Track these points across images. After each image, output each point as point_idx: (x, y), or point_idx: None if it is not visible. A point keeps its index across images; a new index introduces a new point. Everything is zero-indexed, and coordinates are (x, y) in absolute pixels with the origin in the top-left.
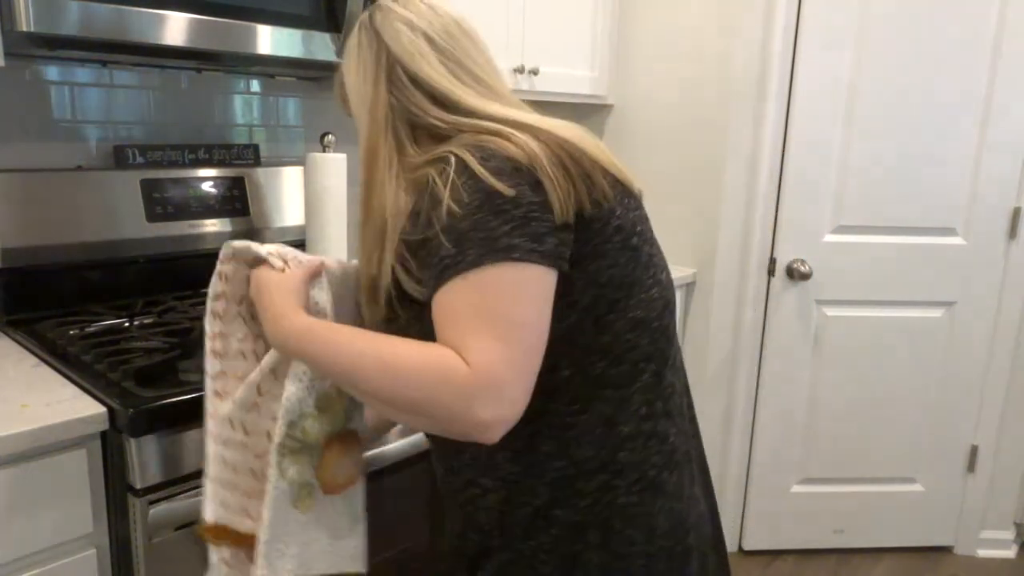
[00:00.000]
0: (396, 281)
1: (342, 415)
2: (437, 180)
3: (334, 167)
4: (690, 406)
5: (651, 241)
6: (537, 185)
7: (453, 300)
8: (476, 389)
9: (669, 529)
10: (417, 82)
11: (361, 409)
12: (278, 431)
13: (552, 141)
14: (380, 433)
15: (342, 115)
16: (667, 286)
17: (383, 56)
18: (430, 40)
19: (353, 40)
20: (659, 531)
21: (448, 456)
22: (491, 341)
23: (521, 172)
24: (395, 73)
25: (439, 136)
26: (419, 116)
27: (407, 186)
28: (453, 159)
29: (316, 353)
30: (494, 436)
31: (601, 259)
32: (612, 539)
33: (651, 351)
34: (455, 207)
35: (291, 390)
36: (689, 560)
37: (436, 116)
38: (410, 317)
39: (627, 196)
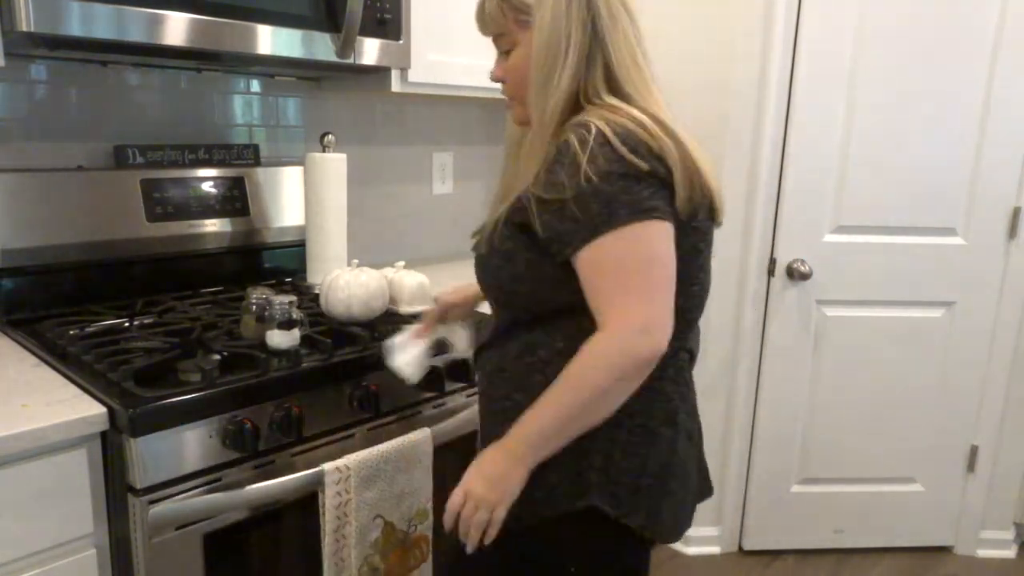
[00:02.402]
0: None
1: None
2: (578, 147)
3: (334, 167)
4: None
5: (709, 252)
6: (667, 170)
7: (607, 254)
8: (628, 336)
9: (658, 470)
10: (602, 48)
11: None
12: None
13: (683, 148)
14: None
15: (342, 115)
16: (707, 288)
17: (586, 9)
18: (627, 8)
19: None
20: (649, 469)
21: (493, 374)
22: (635, 294)
23: (654, 155)
24: (589, 29)
25: (580, 108)
26: (586, 84)
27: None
28: (594, 128)
29: (546, 444)
30: (654, 360)
31: (676, 246)
32: (611, 467)
33: (677, 331)
34: (594, 174)
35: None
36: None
37: (595, 92)
38: (520, 246)
39: (711, 211)
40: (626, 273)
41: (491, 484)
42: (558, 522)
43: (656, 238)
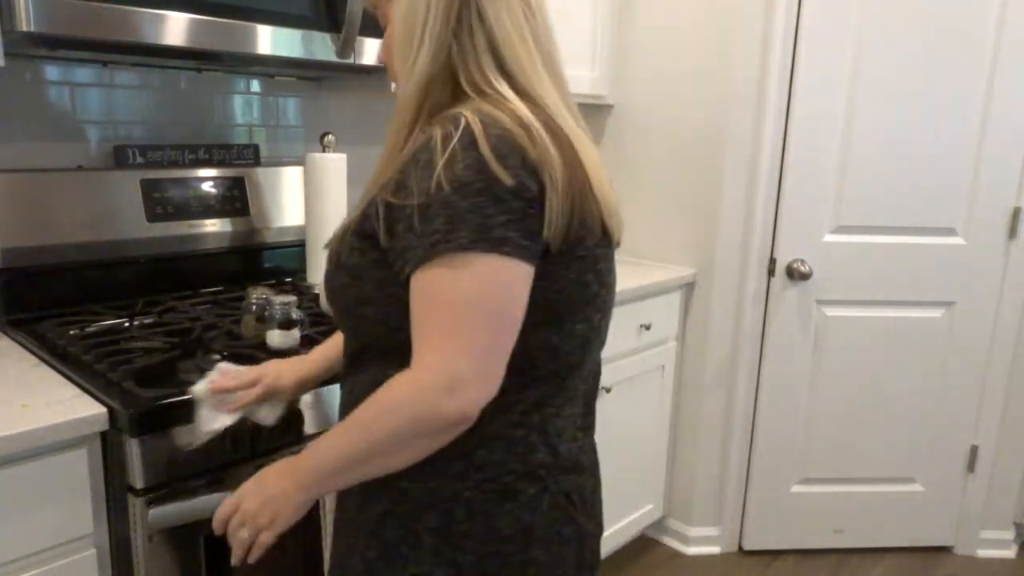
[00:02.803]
0: (364, 221)
1: None
2: (439, 144)
3: (334, 167)
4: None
5: (604, 282)
6: (540, 187)
7: (435, 279)
8: (429, 393)
9: (511, 535)
10: (480, 20)
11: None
12: None
13: (571, 158)
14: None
15: (342, 115)
16: (598, 325)
17: None
18: None
19: None
20: (501, 533)
21: (345, 407)
22: (452, 339)
23: (527, 167)
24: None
25: (464, 96)
26: (466, 65)
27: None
28: (463, 123)
29: (332, 480)
30: (463, 423)
31: (550, 280)
32: (452, 529)
33: (548, 374)
34: (448, 183)
35: None
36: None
37: (483, 77)
38: (369, 261)
39: (604, 234)
40: (447, 310)
41: (264, 503)
42: None
43: (496, 276)
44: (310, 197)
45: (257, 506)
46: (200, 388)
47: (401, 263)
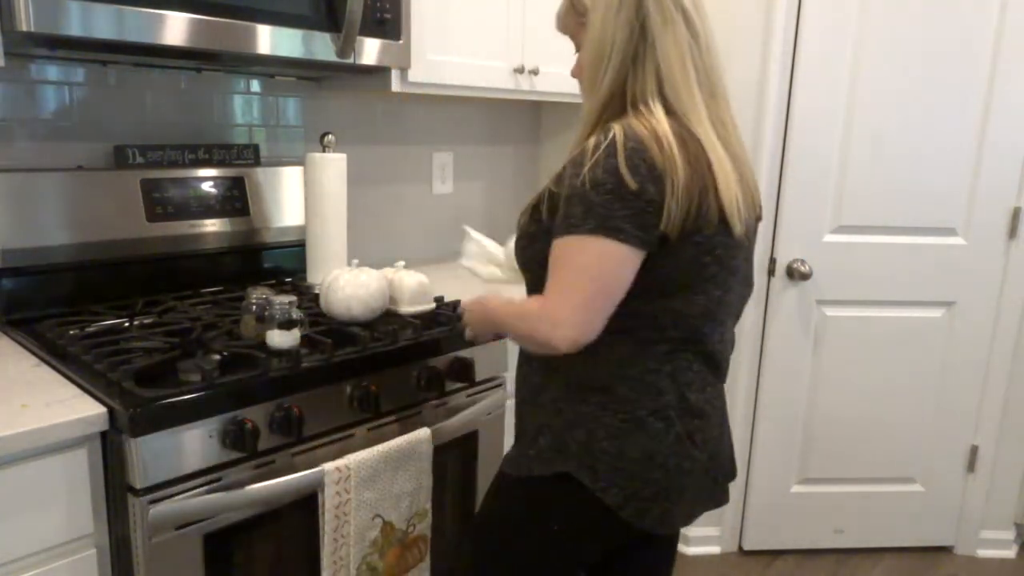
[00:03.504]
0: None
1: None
2: (590, 150)
3: (334, 167)
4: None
5: (723, 264)
6: (660, 191)
7: (564, 249)
8: (539, 321)
9: (640, 457)
10: (650, 51)
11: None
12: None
13: (697, 168)
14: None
15: (342, 115)
16: (717, 298)
17: (637, 11)
18: (686, 15)
19: None
20: (629, 455)
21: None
22: (562, 293)
23: (653, 174)
24: (637, 32)
25: (627, 111)
26: (634, 87)
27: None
28: (611, 136)
29: (493, 320)
30: (557, 350)
31: (669, 260)
32: (593, 445)
33: (679, 335)
34: (588, 181)
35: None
36: (655, 499)
37: (643, 97)
38: (540, 231)
39: (724, 224)
40: (566, 272)
41: (474, 316)
42: (548, 481)
43: (605, 255)
44: (310, 197)
45: (472, 320)
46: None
47: (554, 234)
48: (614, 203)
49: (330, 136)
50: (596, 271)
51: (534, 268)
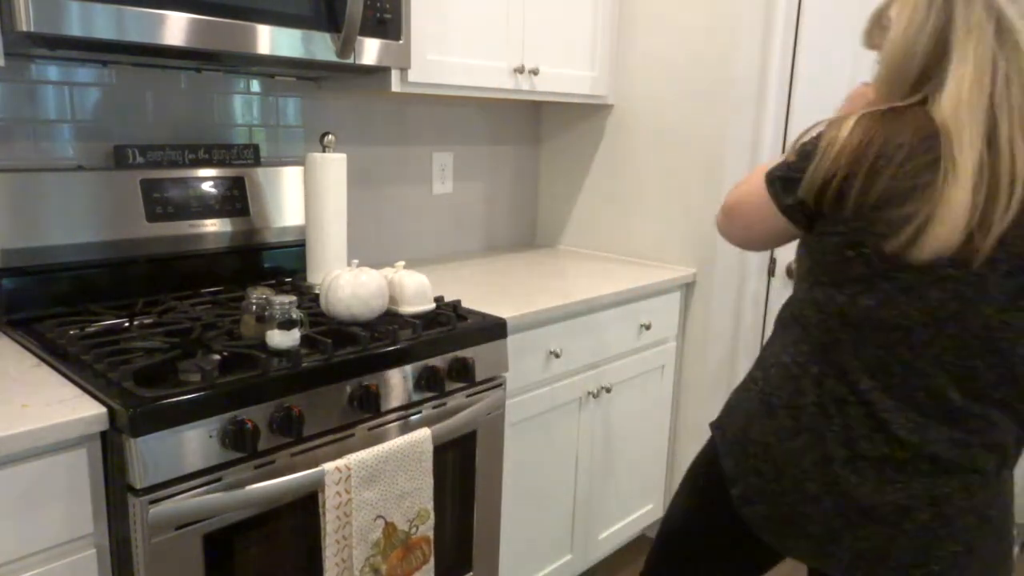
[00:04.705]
0: None
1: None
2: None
3: (334, 167)
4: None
5: (879, 263)
6: (807, 166)
7: (756, 173)
8: (721, 210)
9: (760, 438)
10: (944, 57)
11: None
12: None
13: (873, 146)
14: None
15: (342, 115)
16: (862, 312)
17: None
18: (999, 19)
19: None
20: (752, 436)
21: None
22: (735, 190)
23: (811, 148)
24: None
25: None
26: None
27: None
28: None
29: None
30: (724, 235)
31: (820, 239)
32: (733, 412)
33: (841, 337)
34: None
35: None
36: (736, 481)
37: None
38: None
39: (877, 214)
40: (746, 185)
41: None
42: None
43: (757, 196)
44: (310, 197)
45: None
46: None
47: None
48: (786, 164)
49: (330, 136)
50: (752, 195)
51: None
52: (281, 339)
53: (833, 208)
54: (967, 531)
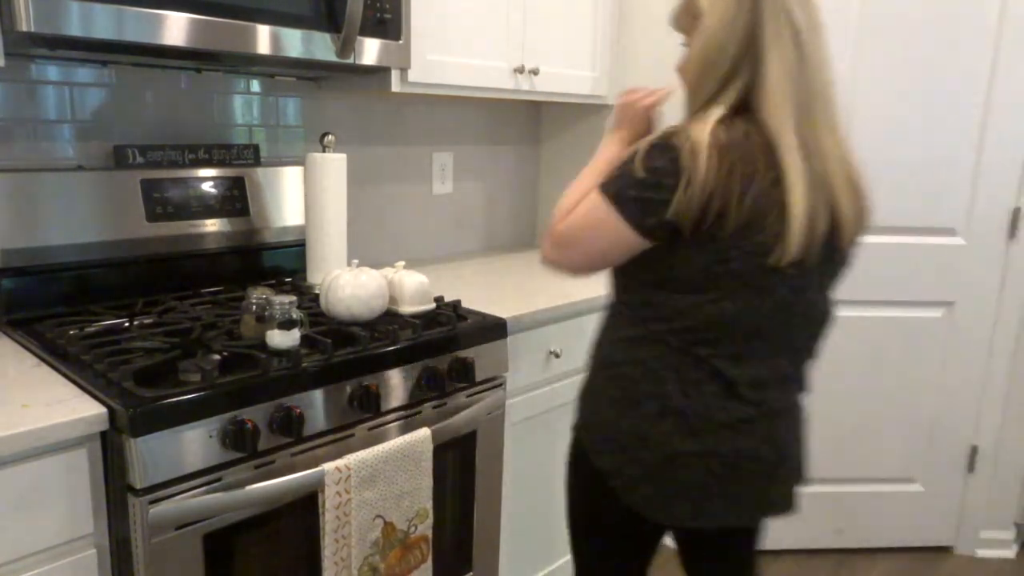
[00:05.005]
0: None
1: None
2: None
3: (334, 167)
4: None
5: (743, 275)
6: (674, 186)
7: (589, 198)
8: (546, 236)
9: (629, 432)
10: (759, 68)
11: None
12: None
13: (736, 175)
14: None
15: (342, 115)
16: (730, 314)
17: (749, 23)
18: (795, 27)
19: None
20: (623, 428)
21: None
22: (568, 220)
23: (669, 169)
24: (745, 43)
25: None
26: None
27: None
28: (649, 140)
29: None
30: (546, 263)
31: (687, 255)
32: (598, 415)
33: (690, 339)
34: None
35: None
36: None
37: (717, 100)
38: None
39: (745, 232)
40: (582, 216)
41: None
42: (574, 444)
43: (607, 219)
44: (310, 197)
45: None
46: None
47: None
48: (635, 181)
49: (330, 136)
50: (592, 235)
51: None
52: (281, 339)
53: (706, 231)
54: (798, 456)
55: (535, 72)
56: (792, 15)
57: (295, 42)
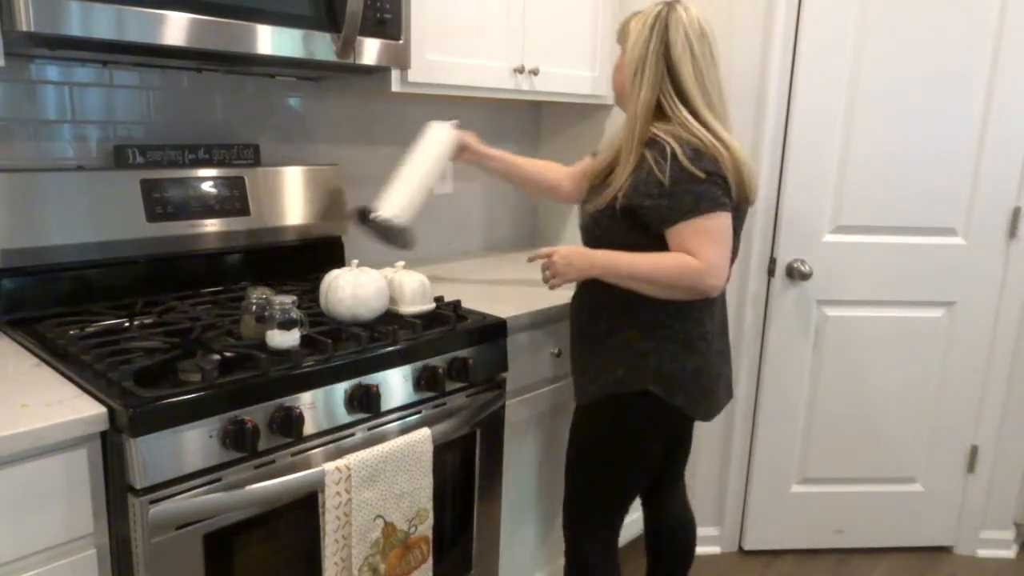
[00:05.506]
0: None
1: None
2: (654, 164)
3: (443, 132)
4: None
5: (742, 227)
6: (723, 176)
7: (692, 228)
8: (706, 274)
9: (693, 370)
10: (672, 73)
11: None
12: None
13: (733, 154)
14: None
15: (342, 115)
16: (737, 250)
17: (661, 45)
18: (692, 51)
19: (646, 17)
20: (688, 370)
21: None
22: (712, 250)
23: (715, 164)
24: (662, 59)
25: (663, 116)
26: (661, 96)
27: (637, 144)
28: (667, 148)
29: (612, 276)
30: (709, 294)
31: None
32: (662, 367)
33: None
34: (669, 180)
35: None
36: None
37: (672, 108)
38: (610, 225)
39: (744, 202)
40: (712, 237)
41: (573, 264)
42: (623, 399)
43: (725, 223)
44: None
45: (570, 261)
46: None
47: (658, 220)
48: (711, 188)
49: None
50: (725, 236)
51: (596, 244)
52: (281, 339)
53: (740, 196)
54: (729, 376)
55: (535, 72)
56: (688, 36)
57: (295, 42)
